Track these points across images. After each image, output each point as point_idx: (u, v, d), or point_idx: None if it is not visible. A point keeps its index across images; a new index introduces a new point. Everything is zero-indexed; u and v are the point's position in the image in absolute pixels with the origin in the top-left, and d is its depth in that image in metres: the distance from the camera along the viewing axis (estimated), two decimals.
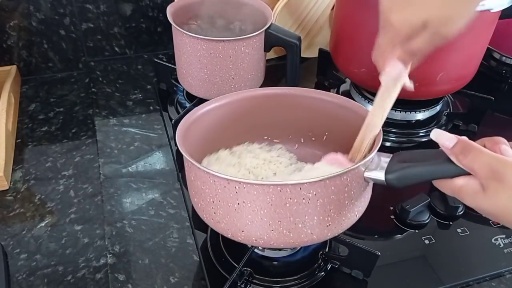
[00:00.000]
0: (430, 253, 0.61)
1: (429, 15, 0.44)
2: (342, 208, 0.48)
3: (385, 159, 0.48)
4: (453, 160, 0.41)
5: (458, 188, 0.41)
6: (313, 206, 0.46)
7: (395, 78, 0.49)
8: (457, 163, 0.41)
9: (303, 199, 0.45)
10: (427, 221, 0.64)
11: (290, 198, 0.45)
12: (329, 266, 0.59)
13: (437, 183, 0.44)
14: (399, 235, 0.64)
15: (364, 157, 0.49)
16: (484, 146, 0.41)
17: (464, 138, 0.42)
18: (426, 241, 0.63)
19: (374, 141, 0.51)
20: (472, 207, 0.41)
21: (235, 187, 0.45)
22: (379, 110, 0.51)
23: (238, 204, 0.46)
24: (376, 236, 0.64)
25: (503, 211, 0.38)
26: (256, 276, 0.57)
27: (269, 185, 0.45)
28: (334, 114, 0.60)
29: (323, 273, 0.58)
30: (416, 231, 0.64)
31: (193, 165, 0.48)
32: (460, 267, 0.60)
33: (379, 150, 0.49)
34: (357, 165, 0.46)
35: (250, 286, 0.57)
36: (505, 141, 0.41)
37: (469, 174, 0.41)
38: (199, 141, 0.58)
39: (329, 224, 0.48)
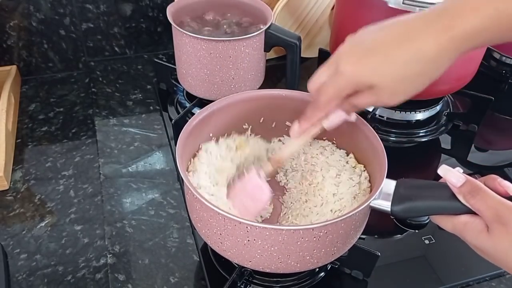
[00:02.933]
0: (430, 253, 0.61)
1: (379, 82, 0.45)
2: (348, 238, 0.50)
3: (389, 185, 0.48)
4: (459, 198, 0.42)
5: (463, 224, 0.42)
6: (322, 241, 0.47)
7: (333, 125, 0.52)
8: (464, 202, 0.42)
9: (314, 237, 0.46)
10: (427, 221, 0.64)
11: (302, 238, 0.45)
12: (329, 266, 0.59)
13: (437, 218, 0.45)
14: (399, 235, 0.64)
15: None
16: (484, 184, 0.42)
17: (472, 178, 0.42)
18: (426, 241, 0.63)
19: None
20: (473, 244, 0.42)
21: (247, 227, 0.45)
22: (296, 146, 0.55)
23: (248, 240, 0.46)
24: (376, 236, 0.64)
25: (504, 254, 0.39)
26: (256, 276, 0.57)
27: (282, 229, 0.45)
28: None
29: (323, 273, 0.58)
30: (416, 231, 0.64)
31: (203, 203, 0.46)
32: (460, 267, 0.60)
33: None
34: (367, 203, 0.47)
35: (250, 286, 0.57)
36: (498, 177, 0.42)
37: (473, 213, 0.41)
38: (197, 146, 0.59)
39: (334, 253, 0.50)
